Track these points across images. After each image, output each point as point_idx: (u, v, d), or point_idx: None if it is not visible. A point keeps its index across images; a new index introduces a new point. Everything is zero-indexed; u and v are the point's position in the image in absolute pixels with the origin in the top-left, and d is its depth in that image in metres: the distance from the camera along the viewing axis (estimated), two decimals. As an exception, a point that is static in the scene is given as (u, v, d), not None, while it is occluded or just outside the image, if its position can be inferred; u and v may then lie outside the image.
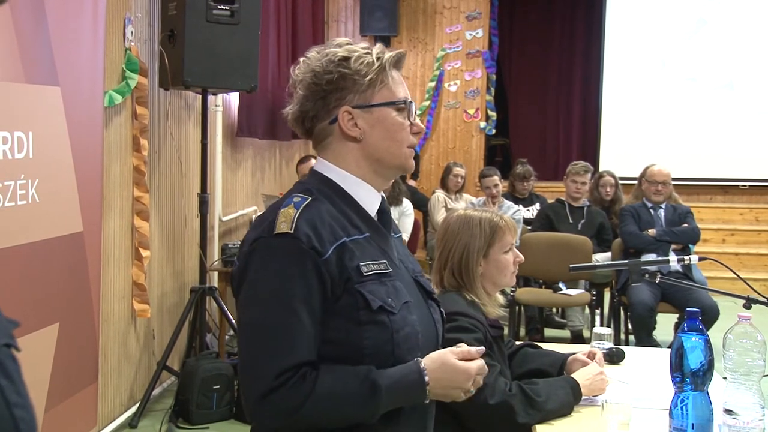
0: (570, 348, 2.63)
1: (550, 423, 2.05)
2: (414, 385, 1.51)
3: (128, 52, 4.01)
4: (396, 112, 1.61)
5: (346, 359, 1.51)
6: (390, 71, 1.61)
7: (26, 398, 0.96)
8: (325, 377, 1.46)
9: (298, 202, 1.54)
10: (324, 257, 1.48)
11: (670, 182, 5.69)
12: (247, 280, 1.52)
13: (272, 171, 7.00)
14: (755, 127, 9.54)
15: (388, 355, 1.52)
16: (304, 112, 1.61)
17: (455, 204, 6.79)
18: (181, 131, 4.84)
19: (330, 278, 1.49)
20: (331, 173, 1.62)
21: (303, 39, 7.17)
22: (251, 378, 1.48)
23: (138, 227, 4.16)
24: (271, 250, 1.50)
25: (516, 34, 11.17)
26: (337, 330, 1.50)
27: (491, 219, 2.38)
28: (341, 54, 1.58)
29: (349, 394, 1.46)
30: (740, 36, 9.56)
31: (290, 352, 1.46)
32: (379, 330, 1.52)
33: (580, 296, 5.56)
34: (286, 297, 1.47)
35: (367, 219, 1.61)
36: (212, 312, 4.92)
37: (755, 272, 8.30)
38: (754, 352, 1.70)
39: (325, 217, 1.53)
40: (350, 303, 1.51)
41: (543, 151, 10.77)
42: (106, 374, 3.86)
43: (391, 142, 1.61)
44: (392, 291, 1.56)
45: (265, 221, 1.54)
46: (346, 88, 1.58)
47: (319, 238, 1.50)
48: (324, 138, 1.63)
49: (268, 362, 1.45)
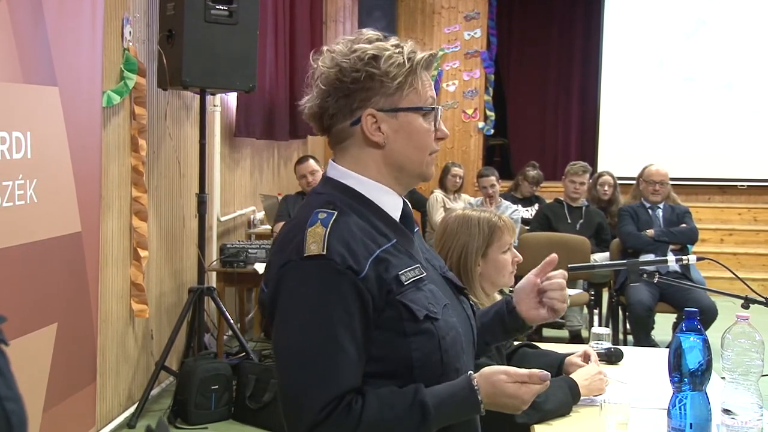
0: (568, 348, 2.63)
1: (549, 423, 2.05)
2: (466, 401, 1.44)
3: (126, 52, 4.00)
4: (422, 118, 1.51)
5: (395, 374, 1.44)
6: (420, 74, 1.51)
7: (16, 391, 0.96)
8: (371, 404, 1.38)
9: (324, 219, 1.43)
10: (362, 275, 1.40)
11: (668, 182, 5.69)
12: (279, 308, 1.43)
13: (270, 171, 7.00)
14: (754, 128, 9.55)
15: (437, 364, 1.46)
16: (324, 109, 1.50)
17: (453, 204, 6.79)
18: (180, 131, 4.84)
19: (371, 295, 1.41)
20: (348, 180, 1.52)
21: (301, 39, 7.17)
22: (295, 411, 1.40)
23: (136, 227, 4.16)
24: (302, 274, 1.40)
25: (514, 34, 11.18)
26: (383, 345, 1.43)
27: (490, 219, 2.38)
28: (371, 52, 1.47)
29: (398, 419, 1.39)
30: (739, 36, 9.57)
31: (333, 382, 1.37)
32: (426, 339, 1.45)
33: (578, 296, 5.56)
34: (324, 324, 1.38)
35: (393, 224, 1.52)
36: (210, 312, 4.92)
37: (753, 272, 8.30)
38: (752, 351, 1.70)
39: (356, 231, 1.44)
40: (394, 315, 1.43)
41: (541, 151, 10.77)
42: (104, 374, 3.86)
43: (414, 150, 1.51)
44: (430, 296, 1.49)
45: (291, 242, 1.44)
46: (373, 89, 1.48)
47: (354, 255, 1.41)
48: (343, 140, 1.52)
49: (311, 395, 1.37)
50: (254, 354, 4.69)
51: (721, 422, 1.73)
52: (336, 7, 9.06)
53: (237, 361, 4.51)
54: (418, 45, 1.56)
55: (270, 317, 1.46)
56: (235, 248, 4.84)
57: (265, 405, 4.07)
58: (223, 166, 5.64)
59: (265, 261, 4.72)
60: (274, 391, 4.07)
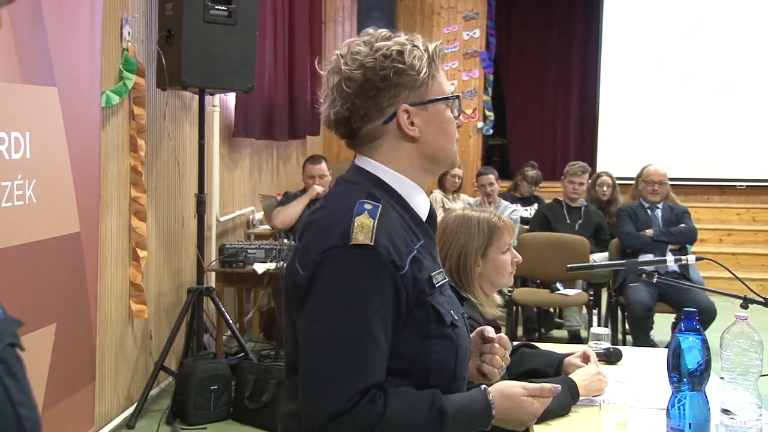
0: (567, 348, 2.63)
1: (548, 423, 2.04)
2: (480, 415, 1.46)
3: (125, 52, 4.00)
4: (446, 107, 1.54)
5: (410, 374, 1.45)
6: (439, 63, 1.53)
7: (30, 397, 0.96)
8: (394, 401, 1.39)
9: (372, 210, 1.42)
10: (403, 271, 1.41)
11: (666, 182, 5.70)
12: (317, 291, 1.41)
13: (269, 171, 7.00)
14: (752, 128, 9.55)
15: (451, 370, 1.48)
16: (353, 111, 1.48)
17: (453, 204, 6.79)
18: (179, 131, 4.84)
19: (406, 292, 1.42)
20: (383, 174, 1.51)
21: (300, 39, 7.17)
22: (321, 397, 1.38)
23: (135, 227, 4.15)
24: (348, 261, 1.39)
25: (513, 34, 11.18)
26: (405, 344, 1.43)
27: (489, 219, 2.38)
28: (395, 48, 1.47)
29: (417, 421, 1.40)
30: (738, 37, 9.57)
31: (365, 373, 1.37)
32: (446, 344, 1.47)
33: (577, 296, 5.56)
34: (364, 314, 1.38)
35: (421, 225, 1.53)
36: (209, 312, 4.92)
37: (752, 272, 8.31)
38: (751, 351, 1.70)
39: (398, 227, 1.45)
40: (421, 316, 1.44)
41: (540, 151, 10.78)
42: (103, 375, 3.86)
43: (445, 139, 1.54)
44: (451, 302, 1.52)
45: (333, 228, 1.42)
46: (401, 84, 1.48)
47: (398, 250, 1.41)
48: (374, 139, 1.51)
49: (341, 383, 1.36)
50: (253, 354, 4.69)
51: (720, 422, 1.73)
52: (335, 7, 9.06)
53: (236, 361, 4.51)
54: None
55: (302, 300, 1.43)
56: (234, 248, 4.84)
57: (264, 405, 4.07)
58: (222, 166, 5.63)
59: (265, 261, 4.76)
60: (273, 391, 4.07)
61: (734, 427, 1.71)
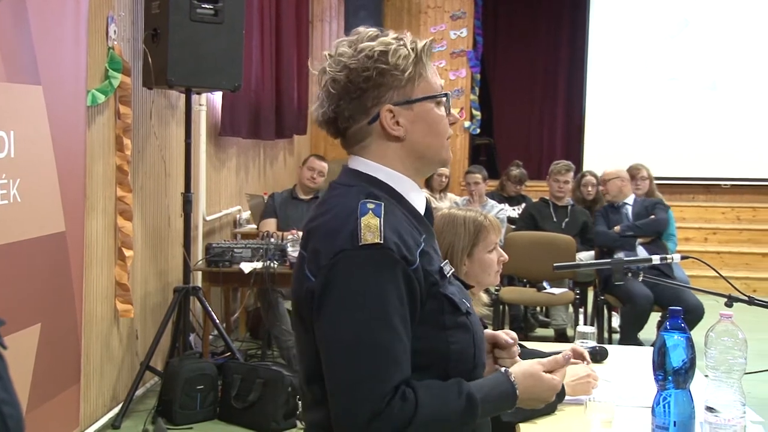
0: (554, 346, 2.63)
1: (534, 421, 2.05)
2: (505, 396, 1.48)
3: (111, 50, 3.98)
4: (435, 105, 1.54)
5: (429, 367, 1.45)
6: (426, 62, 1.53)
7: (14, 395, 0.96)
8: (423, 394, 1.39)
9: (375, 209, 1.42)
10: (414, 266, 1.42)
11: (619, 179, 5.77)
12: (333, 296, 1.40)
13: (256, 170, 6.98)
14: (737, 127, 9.62)
15: (470, 358, 1.49)
16: (339, 113, 1.51)
17: (439, 203, 6.79)
18: (165, 130, 4.82)
19: (419, 286, 1.43)
20: (377, 173, 1.52)
21: (287, 38, 7.16)
22: (351, 402, 1.37)
23: (121, 227, 4.14)
24: (360, 262, 1.39)
25: (500, 33, 11.20)
26: (422, 338, 1.44)
27: (475, 218, 2.38)
28: (378, 48, 1.48)
29: (450, 410, 1.41)
30: (723, 37, 9.64)
31: (394, 371, 1.38)
32: (463, 333, 1.48)
33: (563, 295, 5.58)
34: (384, 312, 1.38)
35: (420, 219, 1.54)
36: (196, 312, 4.90)
37: (736, 271, 8.36)
38: (735, 350, 1.71)
39: (403, 223, 1.46)
40: (435, 308, 1.45)
41: (527, 150, 10.80)
42: (88, 375, 3.84)
43: (433, 137, 1.53)
44: (461, 291, 1.53)
45: (340, 232, 1.42)
46: (385, 84, 1.48)
47: (407, 245, 1.42)
48: (362, 139, 1.53)
49: (374, 383, 1.36)
50: (240, 354, 4.68)
51: (704, 420, 1.74)
52: (322, 6, 9.05)
53: (222, 360, 4.50)
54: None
55: (318, 306, 1.42)
56: (220, 248, 4.83)
57: (251, 405, 4.06)
58: (208, 165, 5.62)
59: (251, 260, 4.75)
60: (259, 390, 4.06)
61: (718, 425, 1.72)
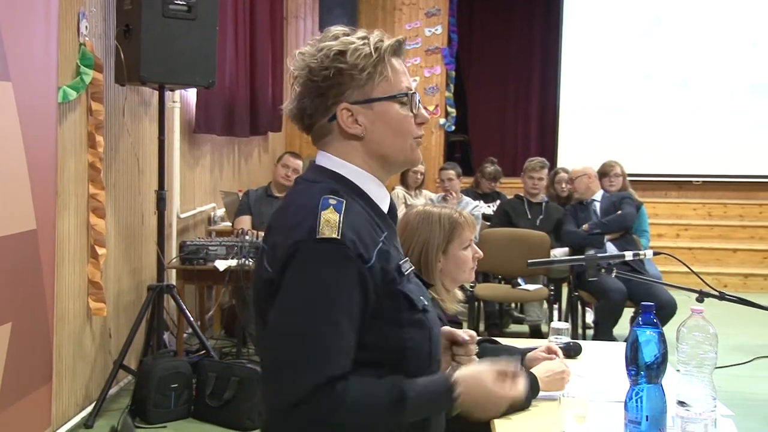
0: (528, 343, 2.65)
1: (508, 417, 2.06)
2: (440, 396, 1.48)
3: (83, 47, 3.94)
4: (398, 105, 1.55)
5: (384, 363, 1.47)
6: (389, 61, 1.53)
7: None
8: (354, 388, 1.41)
9: (336, 205, 1.45)
10: (369, 264, 1.44)
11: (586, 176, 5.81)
12: (285, 285, 1.43)
13: (231, 167, 6.95)
14: (708, 125, 9.74)
15: (426, 355, 1.51)
16: (302, 110, 1.55)
17: (415, 200, 6.80)
18: (138, 127, 4.78)
19: (374, 284, 1.44)
20: (342, 170, 1.54)
21: (261, 35, 7.12)
22: (282, 385, 1.40)
23: (93, 225, 4.10)
24: (315, 255, 1.42)
25: (475, 31, 11.23)
26: (377, 334, 1.46)
27: (450, 215, 2.39)
28: (336, 48, 1.50)
29: (377, 404, 1.43)
30: (693, 35, 9.75)
31: (327, 364, 1.40)
32: (419, 330, 1.50)
33: (538, 291, 5.61)
34: (329, 306, 1.40)
35: (383, 216, 1.56)
36: (170, 310, 4.87)
37: (707, 266, 8.46)
38: (706, 344, 1.73)
39: (363, 220, 1.48)
40: (392, 305, 1.47)
41: (502, 147, 10.85)
42: (60, 374, 3.80)
43: (395, 137, 1.55)
44: (419, 288, 1.55)
45: (300, 224, 1.44)
46: (344, 83, 1.51)
47: (364, 243, 1.44)
48: (324, 135, 1.56)
49: (303, 372, 1.39)
50: (214, 352, 4.66)
51: (675, 414, 1.76)
52: (296, 3, 9.01)
53: (197, 359, 4.47)
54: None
55: (270, 293, 1.45)
56: (195, 245, 4.79)
57: (226, 403, 4.04)
58: (182, 162, 5.58)
59: (226, 258, 4.72)
60: (234, 389, 4.04)
61: (689, 419, 1.74)
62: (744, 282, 8.43)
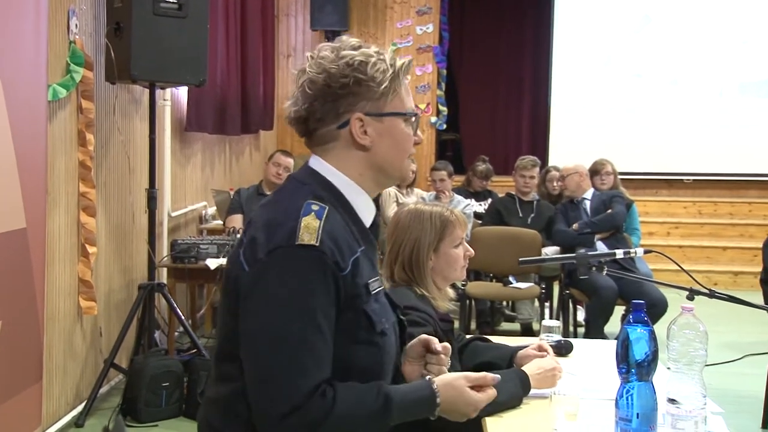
0: (520, 341, 2.65)
1: (499, 415, 2.06)
2: (424, 402, 1.52)
3: (73, 45, 3.92)
4: (404, 123, 1.59)
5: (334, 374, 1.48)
6: (402, 79, 1.59)
7: None
8: (342, 393, 1.44)
9: (318, 212, 1.47)
10: (344, 272, 1.46)
11: (577, 174, 5.82)
12: (263, 290, 1.45)
13: (222, 166, 6.93)
14: (698, 123, 9.77)
15: (375, 376, 1.52)
16: (311, 113, 1.56)
17: (406, 199, 6.80)
18: (129, 126, 4.77)
19: (344, 293, 1.46)
20: (333, 178, 1.57)
21: (252, 33, 7.11)
22: (273, 394, 1.41)
23: (84, 223, 4.08)
24: (294, 261, 1.44)
25: (466, 29, 11.24)
26: (333, 345, 1.48)
27: (442, 213, 2.39)
28: (359, 58, 1.54)
29: (365, 409, 1.45)
30: (684, 34, 9.78)
31: (317, 369, 1.42)
32: (373, 351, 1.52)
33: (529, 289, 5.62)
34: (310, 311, 1.43)
35: (363, 231, 1.58)
36: (161, 309, 4.85)
37: (698, 264, 8.49)
38: (696, 342, 1.73)
39: (342, 230, 1.50)
40: (352, 320, 1.49)
41: (494, 145, 10.85)
42: (51, 373, 3.79)
43: (397, 153, 1.59)
44: (384, 310, 1.57)
45: (281, 228, 1.46)
46: (360, 94, 1.54)
47: (341, 252, 1.46)
48: (327, 141, 1.58)
49: (295, 379, 1.40)
50: (206, 350, 4.64)
51: (666, 411, 1.77)
52: (287, 0, 9.00)
53: (188, 357, 4.46)
54: (370, 39, 1.60)
55: (246, 295, 1.46)
56: (186, 244, 4.78)
57: (217, 402, 4.03)
58: (173, 161, 5.56)
59: (217, 257, 4.71)
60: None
61: (680, 416, 1.74)
62: (734, 280, 8.47)
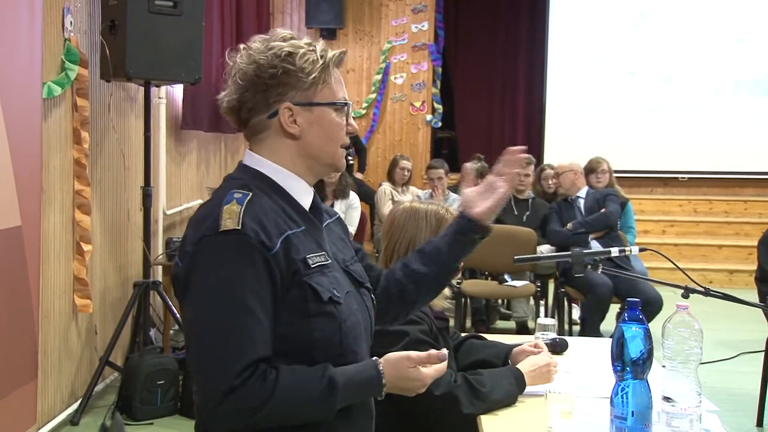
0: (515, 339, 2.66)
1: (495, 413, 2.07)
2: (370, 381, 1.54)
3: (68, 42, 3.91)
4: (335, 112, 1.63)
5: (296, 353, 1.51)
6: (332, 70, 1.63)
7: None
8: (284, 376, 1.46)
9: (240, 198, 1.52)
10: (273, 251, 1.49)
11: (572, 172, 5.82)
12: (194, 280, 1.50)
13: (217, 164, 6.93)
14: (693, 121, 9.79)
15: (337, 345, 1.55)
16: (242, 103, 1.62)
17: (402, 197, 6.81)
18: (124, 124, 4.76)
19: (279, 272, 1.49)
20: (263, 167, 1.62)
21: (247, 30, 7.09)
22: (209, 378, 1.45)
23: (79, 221, 4.07)
24: (218, 248, 1.48)
25: (461, 27, 11.23)
26: (286, 324, 1.51)
27: (437, 211, 2.39)
28: (287, 49, 1.58)
29: (308, 391, 1.48)
30: (678, 31, 9.80)
31: (248, 349, 1.45)
32: (328, 321, 1.54)
33: (524, 287, 5.63)
34: (239, 294, 1.46)
35: (302, 212, 1.62)
36: (156, 306, 4.85)
37: (693, 262, 8.52)
38: (691, 340, 1.74)
39: (269, 212, 1.53)
40: (298, 295, 1.52)
41: (489, 143, 10.85)
42: (46, 371, 3.78)
43: (327, 142, 1.63)
44: (335, 282, 1.58)
45: (207, 219, 1.52)
46: (289, 84, 1.58)
47: (267, 232, 1.49)
48: (260, 131, 1.63)
49: (226, 361, 1.44)
50: (201, 348, 4.64)
51: (661, 409, 1.77)
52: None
53: (183, 355, 4.46)
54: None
55: (183, 290, 1.52)
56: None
57: (213, 400, 4.03)
58: (168, 158, 5.56)
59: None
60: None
61: (675, 414, 1.74)
62: (729, 278, 8.49)
